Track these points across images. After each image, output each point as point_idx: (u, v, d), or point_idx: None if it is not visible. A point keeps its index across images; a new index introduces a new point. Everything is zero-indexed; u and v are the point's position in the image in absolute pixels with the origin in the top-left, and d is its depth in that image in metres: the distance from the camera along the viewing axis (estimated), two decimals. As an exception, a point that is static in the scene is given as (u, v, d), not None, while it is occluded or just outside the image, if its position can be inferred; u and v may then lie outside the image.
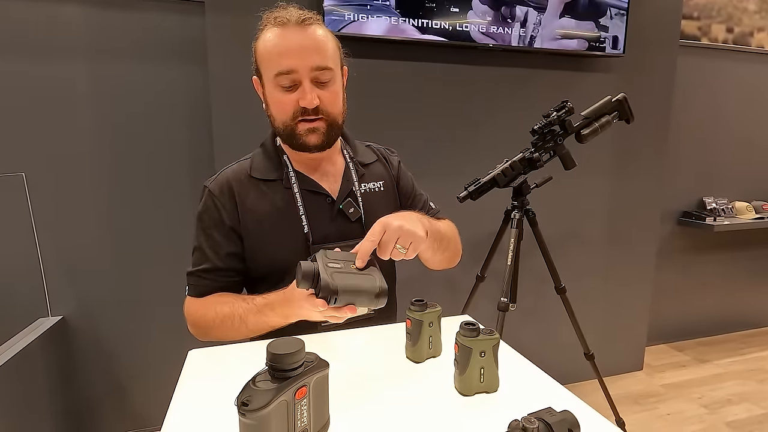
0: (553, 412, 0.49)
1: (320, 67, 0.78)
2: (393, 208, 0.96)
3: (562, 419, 0.48)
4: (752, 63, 2.42)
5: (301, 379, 0.45)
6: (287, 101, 0.79)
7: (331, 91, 0.81)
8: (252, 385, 0.44)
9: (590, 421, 0.54)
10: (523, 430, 0.47)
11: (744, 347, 2.53)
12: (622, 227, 2.11)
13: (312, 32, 0.78)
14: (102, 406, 1.70)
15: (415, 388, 0.63)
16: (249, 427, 0.42)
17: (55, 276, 1.60)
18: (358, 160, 0.95)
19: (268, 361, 0.45)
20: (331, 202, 0.88)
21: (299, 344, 0.46)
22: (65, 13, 1.48)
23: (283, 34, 0.77)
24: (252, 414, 0.41)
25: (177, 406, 0.58)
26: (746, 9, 2.34)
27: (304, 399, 0.46)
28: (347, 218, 0.88)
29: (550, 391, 0.62)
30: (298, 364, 0.45)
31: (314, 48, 0.78)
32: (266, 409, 0.42)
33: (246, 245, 0.87)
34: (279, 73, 0.78)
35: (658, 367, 2.32)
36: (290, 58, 0.77)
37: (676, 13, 2.01)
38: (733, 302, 2.67)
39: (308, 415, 0.47)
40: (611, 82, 1.94)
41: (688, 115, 2.33)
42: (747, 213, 2.46)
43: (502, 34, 1.68)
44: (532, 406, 0.52)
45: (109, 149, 1.59)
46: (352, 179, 0.91)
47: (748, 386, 2.13)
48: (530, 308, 1.95)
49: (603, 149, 1.97)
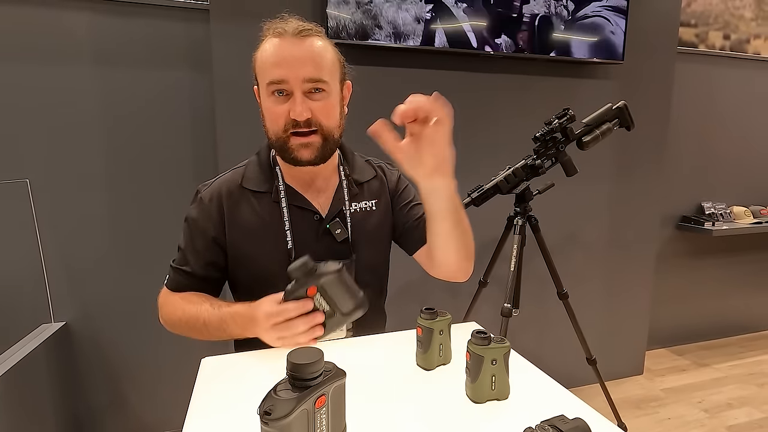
0: (565, 420, 0.50)
1: (313, 78, 0.77)
2: (385, 227, 0.95)
3: (574, 426, 0.49)
4: (749, 69, 2.45)
5: (321, 388, 0.46)
6: (279, 112, 0.78)
7: (325, 104, 0.80)
8: (274, 395, 0.45)
9: (600, 428, 0.55)
10: (537, 437, 0.48)
11: (744, 351, 2.55)
12: (621, 232, 2.13)
13: (308, 43, 0.78)
14: (105, 413, 1.70)
15: (427, 395, 0.63)
16: (271, 436, 0.43)
17: (58, 282, 1.60)
18: (354, 178, 0.93)
19: (289, 370, 0.46)
20: (319, 219, 0.87)
21: (319, 354, 0.47)
22: (70, 19, 1.49)
23: (279, 44, 0.78)
24: (275, 423, 0.42)
25: (194, 415, 0.58)
26: (742, 16, 2.38)
27: (324, 408, 0.47)
28: (333, 238, 0.87)
29: (560, 398, 0.63)
30: (317, 374, 0.46)
31: (308, 59, 0.77)
32: (288, 418, 0.43)
33: (230, 255, 0.88)
34: (271, 82, 0.78)
35: (658, 371, 2.33)
36: (282, 68, 0.77)
37: (674, 21, 2.04)
38: (732, 306, 2.69)
39: (327, 423, 0.48)
40: (611, 89, 1.96)
41: (686, 121, 2.36)
42: (745, 218, 2.48)
43: (502, 42, 1.70)
44: (543, 413, 0.53)
45: (113, 155, 1.60)
46: (343, 198, 0.89)
47: (748, 390, 2.14)
48: (532, 313, 1.96)
49: (603, 155, 1.99)
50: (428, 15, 1.59)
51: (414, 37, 1.58)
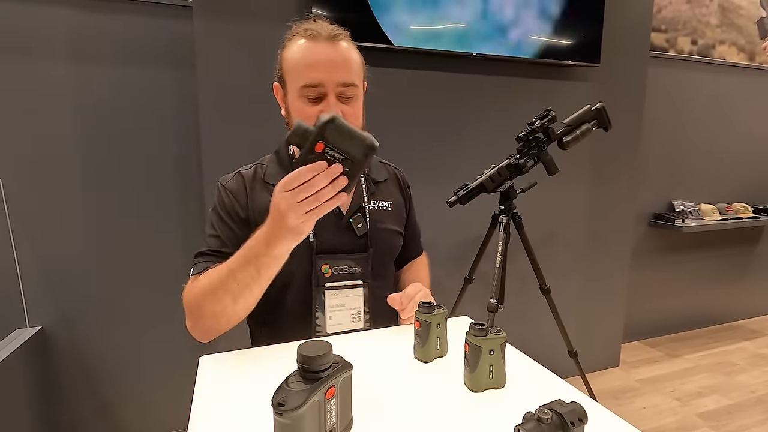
0: (563, 404, 0.52)
1: (347, 83, 0.81)
2: (398, 226, 0.98)
3: (571, 409, 0.51)
4: (714, 74, 2.58)
5: (331, 379, 0.47)
6: (311, 113, 0.80)
7: (354, 107, 0.83)
8: (286, 386, 0.45)
9: (593, 411, 0.58)
10: (537, 420, 0.50)
11: (711, 342, 2.68)
12: (598, 230, 2.20)
13: (341, 48, 0.81)
14: (84, 420, 1.65)
15: (427, 386, 0.65)
16: (285, 427, 0.44)
17: (33, 285, 1.55)
18: (371, 177, 0.97)
19: (300, 362, 0.47)
20: (339, 214, 0.90)
21: (328, 346, 0.48)
22: (48, 14, 1.45)
23: (313, 47, 0.80)
24: (288, 414, 0.43)
25: (198, 413, 0.58)
26: (709, 23, 2.49)
27: (333, 399, 0.48)
28: (354, 232, 0.90)
29: (554, 386, 0.66)
30: (327, 366, 0.47)
31: (342, 64, 0.80)
32: (301, 408, 0.44)
33: None
34: (306, 85, 0.79)
35: (633, 363, 2.43)
36: (319, 72, 0.79)
37: (646, 26, 2.13)
38: (700, 300, 2.82)
39: (336, 413, 0.49)
40: (588, 90, 2.03)
41: (657, 122, 2.46)
42: (712, 215, 2.60)
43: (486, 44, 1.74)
44: (539, 399, 0.55)
45: (92, 154, 1.55)
46: (362, 195, 0.93)
47: (717, 379, 2.25)
48: (514, 308, 2.00)
49: (580, 155, 2.05)
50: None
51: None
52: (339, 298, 0.86)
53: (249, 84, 1.53)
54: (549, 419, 0.50)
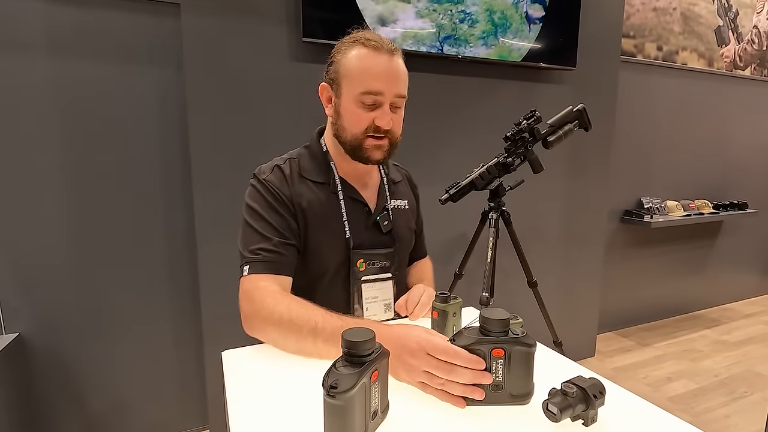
0: (584, 379, 0.57)
1: (401, 95, 0.87)
2: (412, 225, 1.07)
3: (592, 384, 0.56)
4: (678, 78, 2.74)
5: (375, 363, 0.50)
6: (365, 118, 0.85)
7: (400, 116, 0.90)
8: (335, 370, 0.48)
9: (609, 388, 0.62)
10: (563, 393, 0.54)
11: (677, 331, 2.84)
12: (574, 226, 2.30)
13: (399, 62, 0.87)
14: (63, 427, 1.60)
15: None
16: (337, 408, 0.46)
17: (9, 290, 1.48)
18: (391, 178, 1.04)
19: (346, 348, 0.49)
20: (368, 211, 0.95)
21: (371, 333, 0.50)
22: (24, 8, 1.39)
23: (376, 57, 0.84)
24: (341, 395, 0.45)
25: (234, 403, 0.59)
26: (672, 30, 2.65)
27: (377, 382, 0.50)
28: (380, 229, 0.96)
29: (566, 366, 0.70)
30: (371, 350, 0.50)
31: (399, 77, 0.86)
32: (353, 390, 0.46)
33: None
34: (367, 92, 0.83)
35: (607, 352, 2.55)
36: (380, 81, 0.83)
37: (617, 32, 2.24)
38: (667, 291, 2.99)
39: (378, 396, 0.51)
40: (565, 92, 2.13)
41: (627, 123, 2.59)
42: (677, 211, 2.77)
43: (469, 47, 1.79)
44: (560, 377, 0.59)
45: (72, 154, 1.50)
46: (385, 194, 1.00)
47: (683, 365, 2.40)
48: (500, 302, 2.07)
49: (557, 155, 2.14)
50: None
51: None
52: (373, 290, 0.91)
53: (239, 83, 1.52)
54: (574, 393, 0.54)
